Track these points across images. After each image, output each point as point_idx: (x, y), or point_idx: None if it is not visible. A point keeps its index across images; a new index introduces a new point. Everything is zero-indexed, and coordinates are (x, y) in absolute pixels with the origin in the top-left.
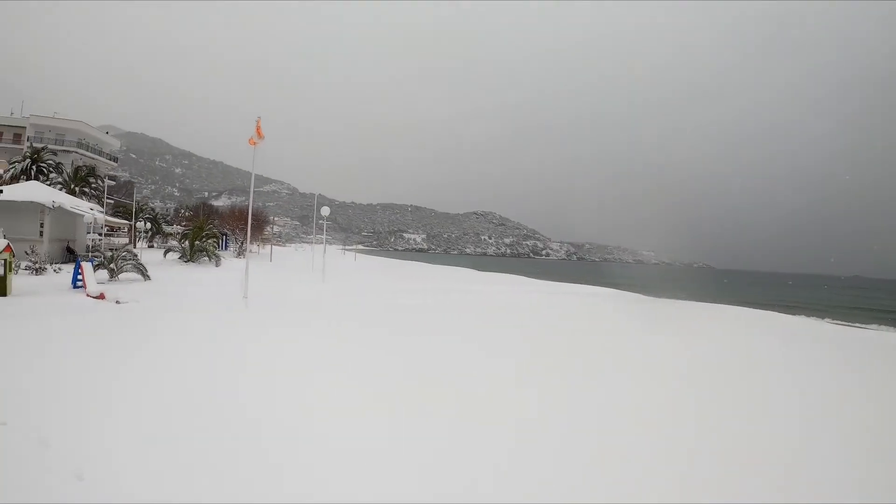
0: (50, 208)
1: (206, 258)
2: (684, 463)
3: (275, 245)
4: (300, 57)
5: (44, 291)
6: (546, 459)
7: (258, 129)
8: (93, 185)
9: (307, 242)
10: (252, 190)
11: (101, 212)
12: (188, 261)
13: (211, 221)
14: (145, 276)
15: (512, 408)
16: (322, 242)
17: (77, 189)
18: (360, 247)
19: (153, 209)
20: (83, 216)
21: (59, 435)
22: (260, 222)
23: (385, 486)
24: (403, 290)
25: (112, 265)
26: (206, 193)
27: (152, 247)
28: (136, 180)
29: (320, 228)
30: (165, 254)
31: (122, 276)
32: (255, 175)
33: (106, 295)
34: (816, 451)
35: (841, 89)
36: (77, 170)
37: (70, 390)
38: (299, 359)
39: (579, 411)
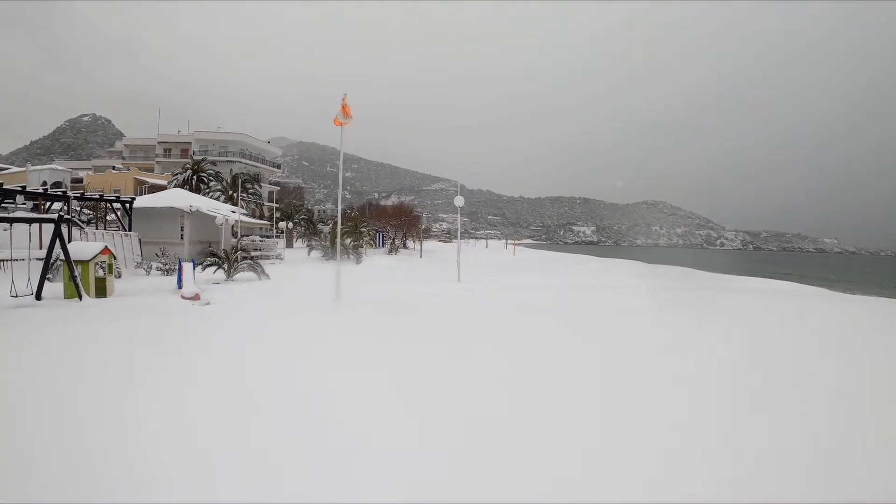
0: (188, 213)
1: (347, 256)
2: None
3: (441, 241)
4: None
5: (146, 292)
6: None
7: (344, 107)
8: (250, 191)
9: (475, 238)
10: (341, 174)
11: (245, 213)
12: (330, 259)
13: (365, 220)
14: (260, 275)
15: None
16: (496, 238)
17: (235, 195)
18: (529, 241)
19: (310, 210)
20: (226, 219)
21: None
22: (412, 218)
23: None
24: (540, 285)
25: (224, 265)
26: (376, 194)
27: (310, 246)
28: (308, 185)
29: (489, 224)
30: (309, 252)
31: (239, 275)
32: (424, 173)
33: (201, 296)
34: None
35: None
36: (235, 177)
37: (64, 392)
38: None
39: None
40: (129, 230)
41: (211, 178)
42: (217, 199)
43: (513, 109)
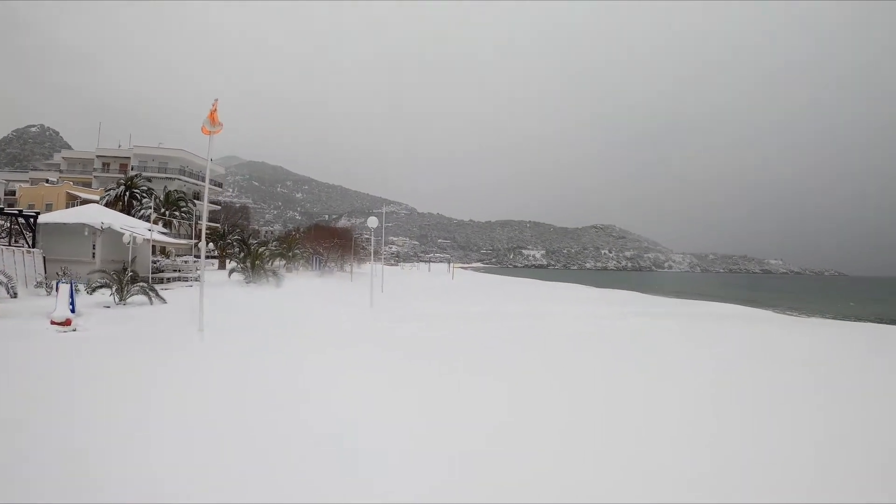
0: (100, 230)
1: (266, 280)
2: None
3: (388, 265)
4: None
5: (23, 315)
6: None
7: (213, 113)
8: (183, 209)
9: (425, 261)
10: (207, 185)
11: (164, 232)
12: (250, 281)
13: (299, 241)
14: (152, 299)
15: None
16: (442, 262)
17: (167, 213)
18: (479, 264)
19: (244, 230)
20: (133, 237)
21: None
22: (346, 241)
23: None
24: (459, 313)
25: (114, 287)
26: (327, 216)
27: (232, 269)
28: (258, 206)
29: (439, 247)
30: (230, 274)
31: (134, 298)
32: (374, 196)
33: (72, 321)
34: None
35: None
36: (168, 195)
37: None
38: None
39: None
40: (33, 246)
41: (144, 194)
42: (148, 217)
43: (468, 137)
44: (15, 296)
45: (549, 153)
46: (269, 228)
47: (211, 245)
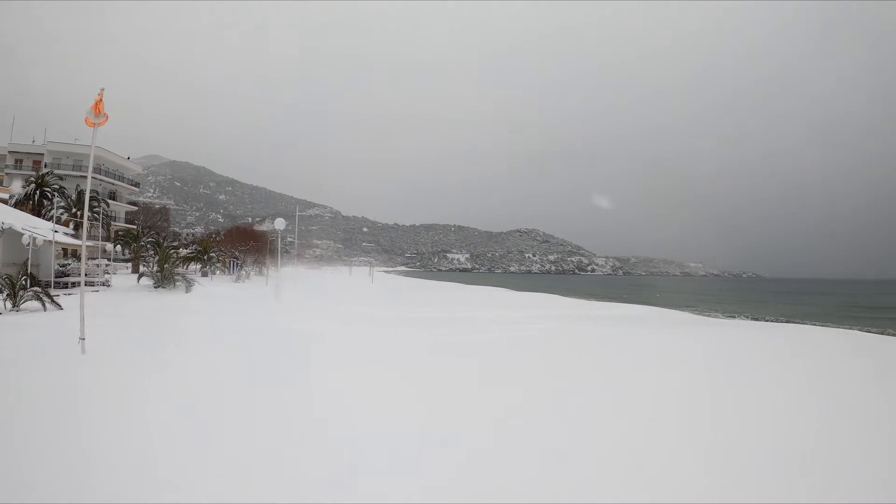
0: (0, 230)
1: (173, 284)
2: None
3: (311, 268)
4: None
5: None
6: None
7: (97, 104)
8: (95, 209)
9: (349, 265)
10: (90, 177)
11: (71, 233)
12: (158, 286)
13: (218, 244)
14: (46, 306)
15: None
16: (366, 265)
17: (79, 213)
18: (403, 268)
19: (158, 232)
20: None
21: None
22: (261, 243)
23: None
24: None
25: (7, 293)
26: (250, 219)
27: (140, 272)
28: (180, 207)
29: (363, 250)
30: (139, 279)
31: (27, 304)
32: (297, 198)
33: None
34: None
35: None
36: (80, 194)
37: None
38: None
39: None
40: None
41: (55, 193)
42: (60, 217)
43: (395, 141)
44: None
45: (476, 161)
46: (191, 231)
47: (119, 247)
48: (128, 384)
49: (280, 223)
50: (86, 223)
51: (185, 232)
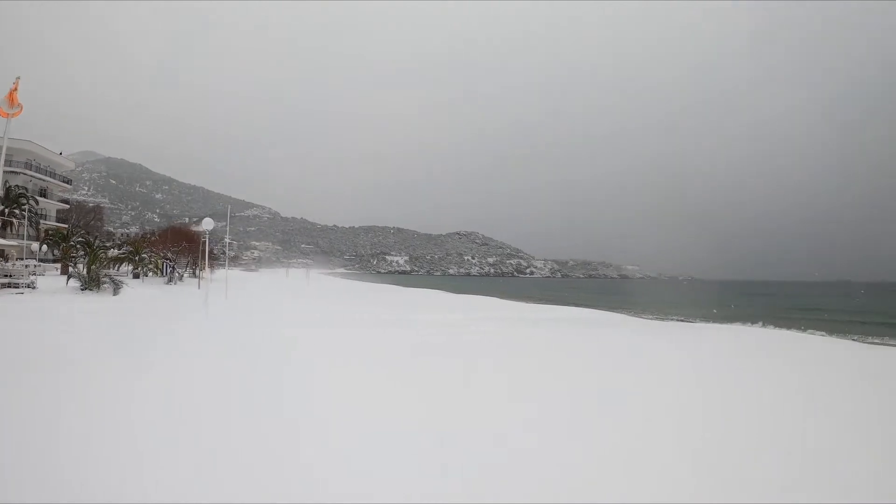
0: None
1: (98, 288)
2: None
3: (248, 271)
4: (291, 82)
5: None
6: None
7: (12, 93)
8: (23, 206)
9: (288, 267)
10: (1, 170)
11: None
12: (85, 288)
13: (152, 244)
14: None
15: None
16: (304, 267)
17: (7, 211)
18: (342, 270)
19: (88, 232)
20: None
21: None
22: (196, 244)
23: None
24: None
25: None
26: (187, 219)
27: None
28: (115, 206)
29: (302, 252)
30: (67, 281)
31: None
32: (235, 198)
33: None
34: None
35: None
36: (8, 191)
37: None
38: None
39: None
40: None
41: None
42: None
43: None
44: None
45: (414, 162)
46: (126, 231)
47: (45, 247)
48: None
49: (208, 223)
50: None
51: (119, 232)
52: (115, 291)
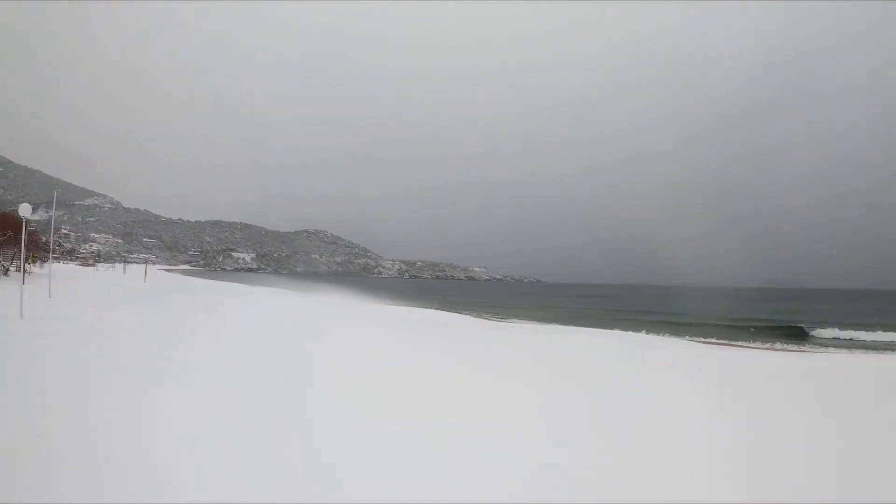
0: None
1: None
2: None
3: (86, 266)
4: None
5: None
6: None
7: None
8: None
9: (130, 262)
10: None
11: None
12: None
13: None
14: None
15: None
16: (144, 262)
17: None
18: (186, 266)
19: None
20: None
21: None
22: (30, 235)
23: None
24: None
25: None
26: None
27: None
28: None
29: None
30: None
31: None
32: (77, 185)
33: None
34: None
35: None
36: None
37: None
38: None
39: None
40: None
41: None
42: None
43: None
44: None
45: (264, 152)
46: None
47: None
48: None
49: (26, 209)
50: None
51: None
52: None
